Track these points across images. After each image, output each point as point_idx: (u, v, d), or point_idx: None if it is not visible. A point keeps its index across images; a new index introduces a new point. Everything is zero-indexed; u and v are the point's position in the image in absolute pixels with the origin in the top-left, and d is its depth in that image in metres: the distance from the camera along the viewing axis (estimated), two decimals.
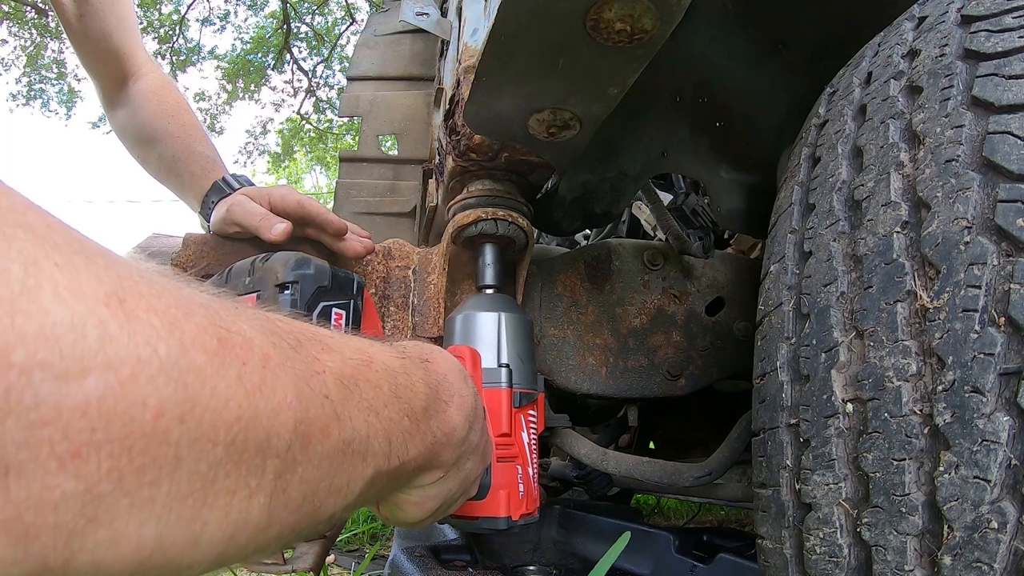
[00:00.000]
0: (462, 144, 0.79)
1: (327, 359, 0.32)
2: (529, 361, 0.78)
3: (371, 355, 0.38)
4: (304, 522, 0.30)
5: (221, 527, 0.24)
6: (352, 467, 0.33)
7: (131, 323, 0.21)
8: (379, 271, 0.90)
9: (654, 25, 0.55)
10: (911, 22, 0.55)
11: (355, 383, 0.34)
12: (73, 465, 0.19)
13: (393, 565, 1.05)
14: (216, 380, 0.23)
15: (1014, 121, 0.40)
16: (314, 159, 12.54)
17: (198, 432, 0.22)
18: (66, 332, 0.19)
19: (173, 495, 0.22)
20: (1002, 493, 0.34)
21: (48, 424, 0.18)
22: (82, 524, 0.20)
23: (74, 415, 0.19)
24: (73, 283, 0.19)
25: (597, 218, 0.99)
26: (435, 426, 0.43)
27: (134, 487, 0.21)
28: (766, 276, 0.58)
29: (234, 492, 0.24)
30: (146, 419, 0.21)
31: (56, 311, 0.19)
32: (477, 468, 0.53)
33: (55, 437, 0.18)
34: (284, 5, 9.50)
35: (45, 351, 0.18)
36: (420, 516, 0.48)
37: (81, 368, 0.19)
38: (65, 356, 0.19)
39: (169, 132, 0.99)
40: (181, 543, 0.23)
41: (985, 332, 0.37)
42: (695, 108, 0.90)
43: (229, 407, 0.24)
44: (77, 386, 0.19)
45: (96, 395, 0.19)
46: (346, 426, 0.32)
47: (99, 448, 0.19)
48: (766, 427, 0.52)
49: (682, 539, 1.04)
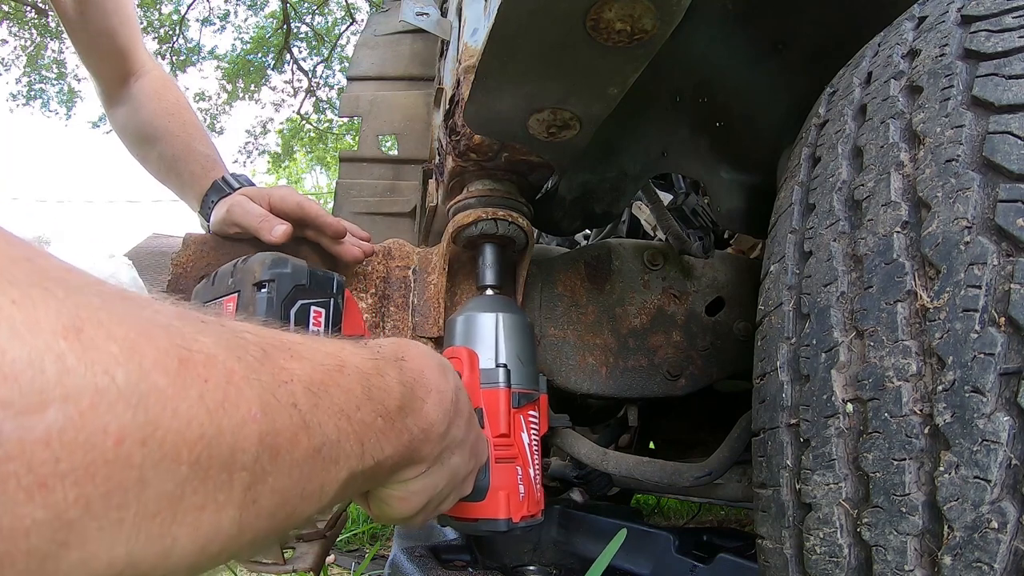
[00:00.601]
0: (462, 144, 0.79)
1: (295, 367, 0.32)
2: (529, 362, 0.78)
3: (343, 359, 0.38)
4: (279, 527, 0.30)
5: (192, 541, 0.25)
6: (324, 472, 0.33)
7: (88, 353, 0.21)
8: (379, 271, 0.90)
9: (654, 25, 0.55)
10: (911, 22, 0.55)
11: (325, 389, 0.34)
12: (40, 496, 0.19)
13: (393, 565, 1.05)
14: (177, 401, 0.24)
15: (1014, 121, 0.40)
16: (314, 159, 12.54)
17: (161, 454, 0.23)
18: (24, 368, 0.19)
19: (141, 515, 0.23)
20: (1002, 493, 0.34)
21: (13, 459, 0.19)
22: (54, 549, 0.20)
23: (37, 448, 0.19)
24: (30, 319, 0.20)
25: (597, 218, 0.99)
26: (411, 423, 0.43)
27: (102, 511, 0.21)
28: (766, 276, 0.58)
29: (203, 507, 0.25)
30: (108, 446, 0.21)
31: (13, 349, 0.19)
32: (466, 464, 0.53)
33: (20, 471, 0.19)
34: (284, 5, 9.50)
35: (4, 390, 0.19)
36: (408, 511, 0.48)
37: (41, 402, 0.19)
38: (24, 392, 0.19)
39: (169, 131, 0.99)
40: (152, 558, 0.23)
41: (985, 332, 0.37)
42: (695, 108, 0.90)
43: (191, 427, 0.24)
44: (38, 419, 0.19)
45: (57, 427, 0.20)
46: (315, 433, 0.32)
47: (64, 477, 0.20)
48: (766, 427, 0.52)
49: (682, 539, 1.04)
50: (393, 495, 0.47)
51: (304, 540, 0.77)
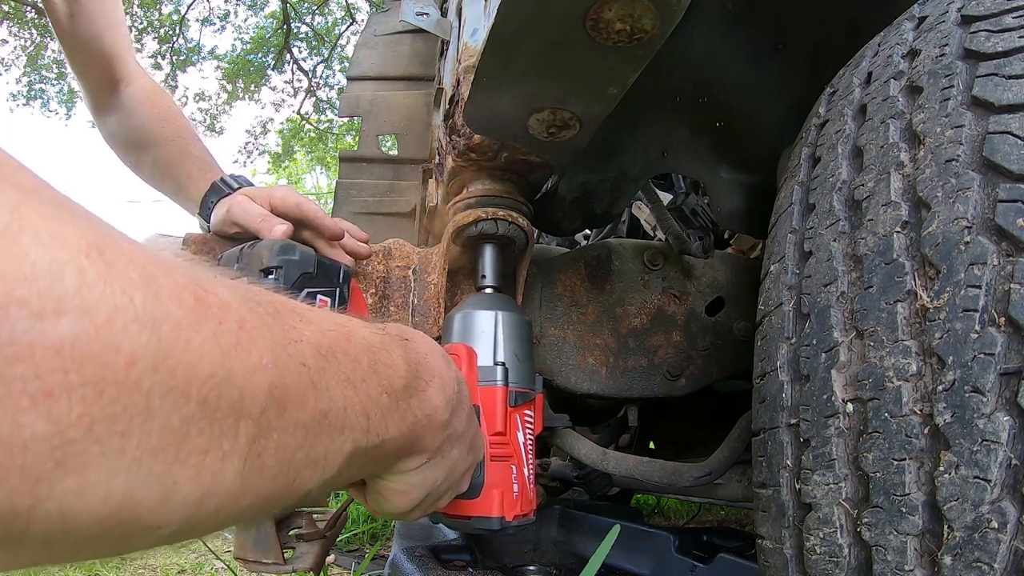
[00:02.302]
0: (462, 144, 0.79)
1: (304, 329, 0.32)
2: (527, 361, 0.78)
3: (350, 330, 0.38)
4: (279, 494, 0.30)
5: (193, 487, 0.24)
6: (330, 439, 0.32)
7: (109, 272, 0.21)
8: (379, 271, 0.90)
9: (654, 25, 0.55)
10: (911, 22, 0.55)
11: (333, 354, 0.34)
12: (45, 405, 0.19)
13: (393, 565, 1.05)
14: (191, 334, 0.24)
15: (1014, 121, 0.40)
16: (314, 159, 12.54)
17: (171, 384, 0.22)
18: (45, 274, 0.19)
19: (144, 448, 0.22)
20: (1002, 493, 0.34)
21: (22, 361, 0.18)
22: (50, 468, 0.19)
23: (48, 355, 0.19)
24: (55, 232, 0.20)
25: (597, 218, 0.99)
26: (415, 405, 0.43)
27: (105, 435, 0.21)
28: (766, 276, 0.58)
29: (207, 452, 0.24)
30: (119, 365, 0.21)
31: (36, 254, 0.19)
32: (464, 460, 0.53)
33: (28, 375, 0.19)
34: (284, 5, 9.49)
35: (23, 290, 0.18)
36: (406, 506, 0.48)
37: (57, 309, 0.19)
38: (43, 296, 0.19)
39: (163, 136, 0.99)
40: (150, 500, 0.23)
41: (985, 332, 0.37)
42: (695, 108, 0.90)
43: (203, 362, 0.24)
44: (52, 326, 0.19)
45: (71, 337, 0.19)
46: (323, 396, 0.31)
47: (71, 391, 0.20)
48: (766, 427, 0.52)
49: (682, 539, 1.04)
50: (392, 488, 0.47)
51: (304, 540, 0.77)
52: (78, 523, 0.21)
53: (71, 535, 0.21)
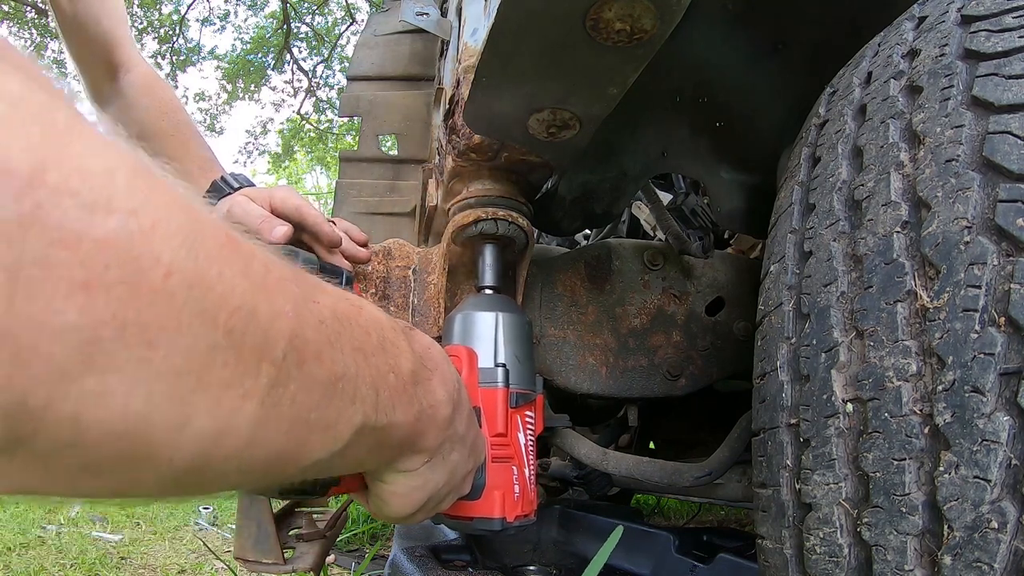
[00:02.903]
0: (462, 144, 0.79)
1: (320, 294, 0.33)
2: (527, 362, 0.78)
3: (361, 304, 0.38)
4: (290, 453, 0.30)
5: (210, 420, 0.24)
6: (341, 405, 0.32)
7: (155, 188, 0.22)
8: (379, 271, 0.90)
9: (654, 25, 0.55)
10: (911, 22, 0.55)
11: (347, 321, 0.34)
12: (82, 296, 0.19)
13: (393, 565, 1.05)
14: (223, 265, 0.24)
15: (1014, 121, 0.40)
16: (314, 159, 12.54)
17: (202, 306, 0.23)
18: (99, 173, 0.20)
19: (169, 365, 0.22)
20: (1002, 493, 0.34)
21: (68, 247, 0.19)
22: (75, 364, 0.19)
23: (93, 247, 0.19)
24: (107, 144, 0.21)
25: (597, 218, 0.99)
26: (420, 394, 0.43)
27: (134, 341, 0.21)
28: (766, 276, 0.58)
29: (228, 386, 0.24)
30: (157, 274, 0.21)
31: (91, 155, 0.20)
32: (465, 463, 0.53)
33: (71, 262, 0.19)
34: (284, 5, 9.49)
35: (77, 181, 0.19)
36: (408, 509, 0.48)
37: (108, 206, 0.20)
38: (95, 191, 0.19)
39: (163, 130, 0.98)
40: (167, 423, 0.23)
41: (985, 332, 0.37)
42: (695, 108, 0.90)
43: (234, 293, 0.24)
44: (101, 220, 0.19)
45: (116, 235, 0.20)
46: (338, 358, 0.32)
47: (109, 288, 0.20)
48: (766, 427, 0.52)
49: (682, 539, 1.04)
50: (393, 491, 0.47)
51: (304, 540, 0.77)
52: (89, 435, 0.21)
53: (78, 451, 0.21)
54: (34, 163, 0.18)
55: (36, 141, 0.18)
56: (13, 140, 0.18)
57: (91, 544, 1.80)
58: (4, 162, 0.17)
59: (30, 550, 1.71)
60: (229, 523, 2.18)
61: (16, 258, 0.18)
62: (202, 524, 2.18)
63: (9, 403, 0.18)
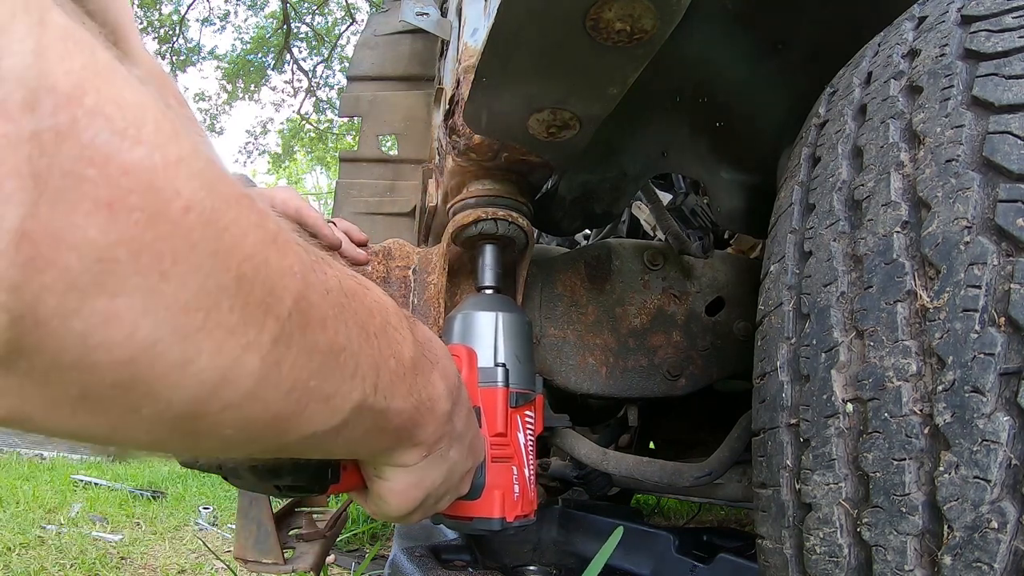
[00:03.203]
0: (462, 144, 0.79)
1: (327, 267, 0.33)
2: (527, 362, 0.78)
3: (368, 285, 0.38)
4: (287, 419, 0.30)
5: (211, 364, 0.24)
6: (341, 378, 0.33)
7: (180, 134, 0.23)
8: (379, 271, 0.90)
9: (654, 25, 0.55)
10: (911, 22, 0.55)
11: (353, 296, 0.34)
12: (103, 215, 0.20)
13: (393, 565, 1.05)
14: (239, 212, 0.25)
15: (1014, 121, 0.40)
16: (314, 159, 12.54)
17: (216, 246, 0.23)
18: (132, 107, 0.21)
19: (178, 298, 0.22)
20: (1002, 493, 0.34)
21: (95, 166, 0.19)
22: (88, 280, 0.20)
23: (119, 170, 0.20)
24: (142, 87, 0.22)
25: (597, 218, 0.99)
26: (420, 385, 0.42)
27: (147, 268, 0.21)
28: (766, 276, 0.58)
29: (233, 332, 0.25)
30: (176, 207, 0.22)
31: (127, 90, 0.21)
32: (464, 462, 0.52)
33: (98, 181, 0.19)
34: (284, 5, 9.49)
35: (112, 108, 0.20)
36: (405, 508, 0.48)
37: (137, 136, 0.21)
38: (126, 120, 0.20)
39: None
40: (170, 359, 0.23)
41: (985, 332, 0.37)
42: (695, 108, 0.90)
43: (246, 240, 0.25)
44: (129, 147, 0.20)
45: (142, 163, 0.21)
46: (340, 330, 0.32)
47: (130, 211, 0.20)
48: (766, 427, 0.52)
49: (682, 539, 1.04)
50: (391, 488, 0.46)
51: (304, 540, 0.77)
52: (94, 356, 0.21)
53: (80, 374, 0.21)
54: (75, 84, 0.19)
55: (78, 67, 0.19)
56: (59, 63, 0.19)
57: (91, 544, 1.80)
58: (49, 79, 0.18)
59: (30, 550, 1.71)
60: (229, 523, 2.18)
61: (47, 166, 0.18)
62: (202, 524, 2.18)
63: (18, 307, 0.19)
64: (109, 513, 2.21)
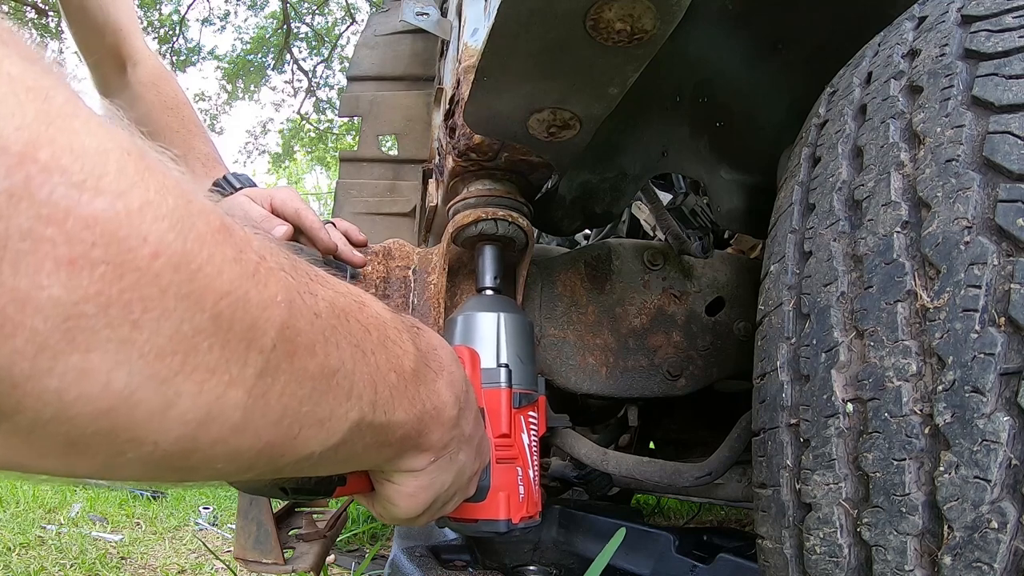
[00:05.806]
0: (462, 144, 0.79)
1: (319, 287, 0.32)
2: (529, 362, 0.78)
3: (364, 300, 0.38)
4: (280, 444, 0.29)
5: (194, 405, 0.24)
6: (335, 401, 0.32)
7: (148, 172, 0.22)
8: (379, 271, 0.90)
9: (654, 25, 0.55)
10: (911, 22, 0.55)
11: (346, 316, 0.34)
12: (66, 272, 0.19)
13: (393, 565, 1.05)
14: (213, 248, 0.24)
15: (1014, 121, 0.40)
16: (314, 159, 12.54)
17: (189, 288, 0.23)
18: (91, 154, 0.20)
19: (153, 346, 0.22)
20: (1002, 493, 0.34)
21: (54, 224, 0.19)
22: (58, 339, 0.20)
23: (79, 225, 0.20)
24: (104, 127, 0.21)
25: (597, 218, 0.99)
26: (424, 394, 0.42)
27: (117, 320, 0.21)
28: (766, 276, 0.58)
29: (213, 371, 0.24)
30: (143, 254, 0.21)
31: (85, 135, 0.20)
32: (472, 464, 0.52)
33: (58, 239, 0.19)
34: (284, 5, 9.50)
35: (69, 160, 0.19)
36: (414, 511, 0.48)
37: (97, 187, 0.20)
38: (85, 171, 0.20)
39: (168, 126, 0.98)
40: (150, 405, 0.23)
41: (985, 332, 0.37)
42: (695, 108, 0.90)
43: (222, 278, 0.24)
44: (89, 200, 0.20)
45: (104, 214, 0.20)
46: (332, 353, 0.31)
47: (94, 265, 0.20)
48: (766, 427, 0.52)
49: (682, 539, 1.04)
50: (399, 491, 0.46)
51: (304, 540, 0.77)
52: (72, 411, 0.21)
53: (62, 426, 0.21)
54: (27, 140, 0.18)
55: (31, 120, 0.19)
56: (8, 118, 0.18)
57: (91, 544, 1.80)
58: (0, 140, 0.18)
59: (30, 550, 1.71)
60: (229, 523, 2.18)
61: (3, 229, 0.18)
62: (202, 524, 2.18)
63: None
64: (109, 513, 2.21)
